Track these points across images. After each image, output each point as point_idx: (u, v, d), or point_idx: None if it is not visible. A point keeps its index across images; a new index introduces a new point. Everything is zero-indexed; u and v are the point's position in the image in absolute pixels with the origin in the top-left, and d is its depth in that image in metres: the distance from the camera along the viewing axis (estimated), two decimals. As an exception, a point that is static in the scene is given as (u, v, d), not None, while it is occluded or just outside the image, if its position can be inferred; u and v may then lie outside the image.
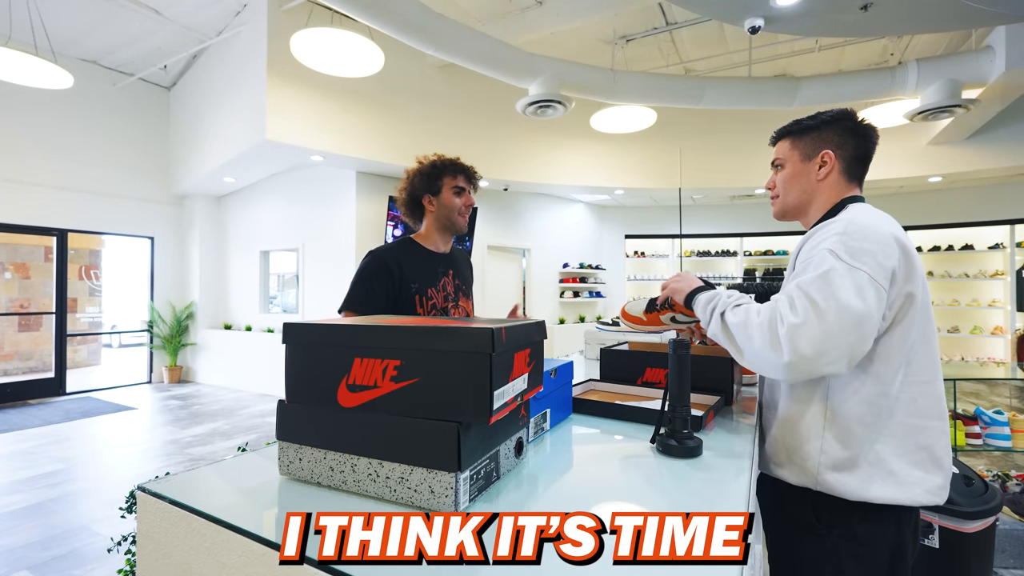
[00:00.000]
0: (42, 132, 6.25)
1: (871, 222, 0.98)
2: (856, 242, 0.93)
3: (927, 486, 0.96)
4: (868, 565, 0.99)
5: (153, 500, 0.68)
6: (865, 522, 0.99)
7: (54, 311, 6.64)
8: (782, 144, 1.18)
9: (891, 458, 0.96)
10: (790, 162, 1.15)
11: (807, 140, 1.13)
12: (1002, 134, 6.01)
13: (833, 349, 0.86)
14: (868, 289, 0.89)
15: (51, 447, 4.34)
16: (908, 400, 0.97)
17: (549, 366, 1.04)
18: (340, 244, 6.34)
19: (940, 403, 0.99)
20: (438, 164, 1.70)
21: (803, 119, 1.16)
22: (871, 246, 0.93)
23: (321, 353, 0.73)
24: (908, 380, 0.97)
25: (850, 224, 0.96)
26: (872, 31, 4.03)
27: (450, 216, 1.68)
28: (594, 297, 8.69)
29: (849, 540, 1.00)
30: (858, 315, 0.87)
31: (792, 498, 1.06)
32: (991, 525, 1.75)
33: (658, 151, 7.40)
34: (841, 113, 1.12)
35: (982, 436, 2.42)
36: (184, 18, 5.54)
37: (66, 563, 2.44)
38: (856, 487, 0.96)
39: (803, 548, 1.05)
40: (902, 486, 0.96)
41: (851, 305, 0.87)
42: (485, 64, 4.32)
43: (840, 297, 0.87)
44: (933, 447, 0.97)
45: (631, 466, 0.85)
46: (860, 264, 0.91)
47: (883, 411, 0.97)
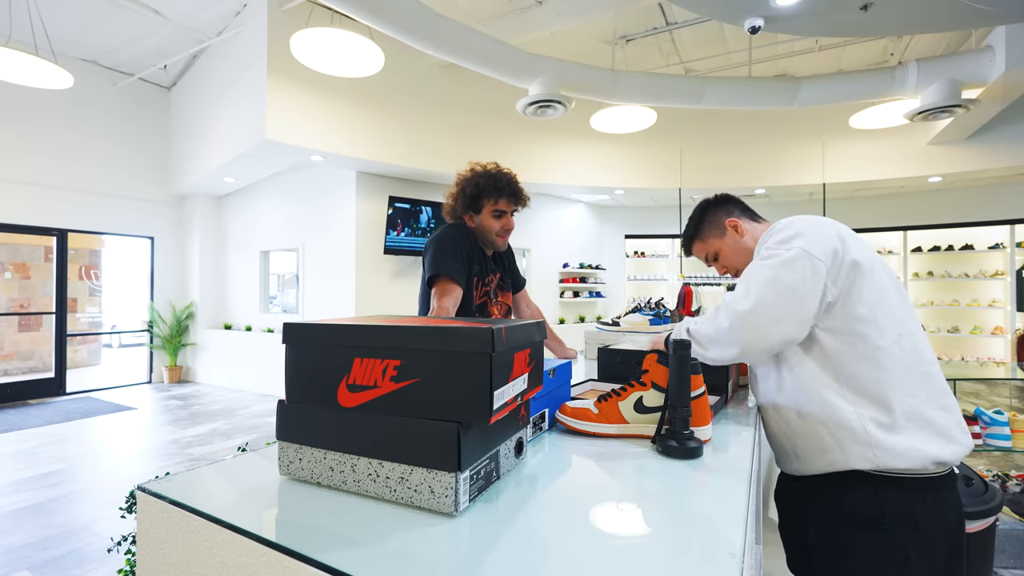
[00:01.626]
0: (42, 132, 6.25)
1: (800, 218, 1.12)
2: (785, 234, 1.07)
3: (962, 427, 1.01)
4: (930, 552, 0.99)
5: (153, 500, 0.68)
6: (924, 496, 0.99)
7: (54, 311, 6.64)
8: (698, 247, 1.39)
9: (925, 408, 1.00)
10: (717, 248, 1.35)
11: (707, 230, 1.35)
12: (1002, 134, 6.01)
13: (770, 313, 1.00)
14: (799, 261, 1.01)
15: (51, 447, 4.34)
16: (913, 349, 1.03)
17: (548, 366, 1.04)
18: (340, 244, 6.34)
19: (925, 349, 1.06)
20: (480, 184, 1.68)
21: (688, 229, 1.39)
22: (802, 230, 1.06)
23: (321, 353, 0.73)
24: (900, 331, 1.03)
25: (778, 225, 1.13)
26: (872, 31, 4.02)
27: (488, 238, 1.72)
28: (594, 297, 8.69)
29: (912, 530, 0.99)
30: (789, 284, 1.00)
31: (844, 487, 1.04)
32: (991, 525, 1.75)
33: (658, 151, 7.40)
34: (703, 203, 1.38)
35: (982, 436, 2.42)
36: (184, 18, 5.54)
37: (66, 563, 2.44)
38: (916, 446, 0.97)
39: (860, 548, 1.02)
40: (947, 438, 0.99)
41: (781, 278, 1.01)
42: (485, 64, 4.32)
43: (770, 273, 1.02)
44: (945, 391, 1.03)
45: (631, 467, 0.85)
46: (792, 244, 1.04)
47: (891, 363, 1.00)
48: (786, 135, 7.05)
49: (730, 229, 1.31)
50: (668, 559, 0.56)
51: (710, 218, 1.35)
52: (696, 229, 1.38)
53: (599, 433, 0.98)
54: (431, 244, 1.66)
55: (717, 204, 1.36)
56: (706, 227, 1.36)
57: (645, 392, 0.98)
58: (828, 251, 1.02)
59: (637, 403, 0.98)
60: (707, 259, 1.39)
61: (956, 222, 7.37)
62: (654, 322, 1.76)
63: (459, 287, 1.61)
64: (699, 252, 1.40)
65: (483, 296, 1.73)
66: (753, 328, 1.01)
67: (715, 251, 1.35)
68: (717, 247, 1.34)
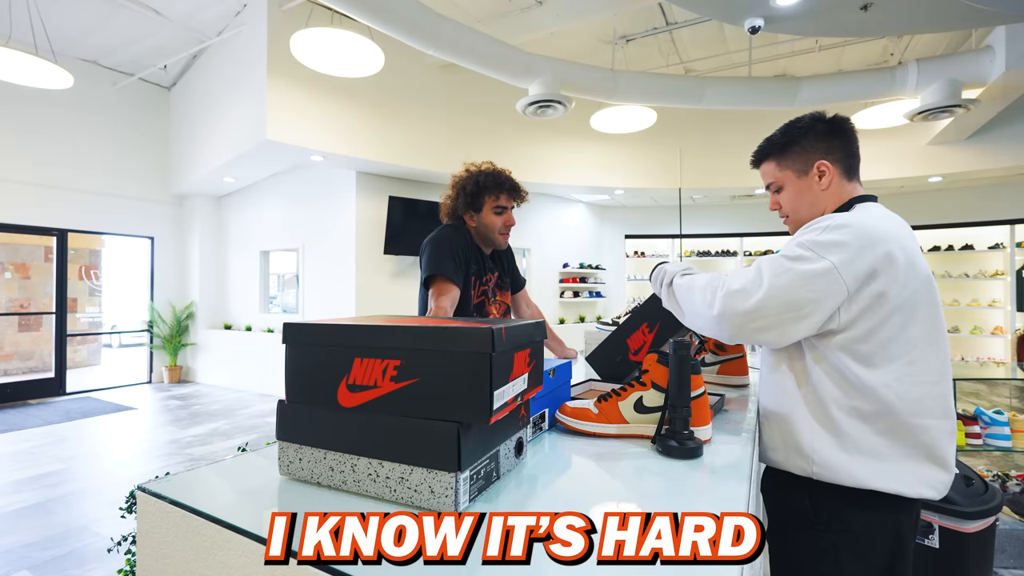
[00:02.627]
0: (42, 132, 6.25)
1: (862, 220, 0.96)
2: (832, 237, 0.93)
3: (924, 477, 0.95)
4: (866, 560, 0.99)
5: (153, 500, 0.68)
6: (863, 514, 0.98)
7: (54, 311, 6.64)
8: (768, 166, 1.17)
9: (883, 448, 0.95)
10: (787, 182, 1.13)
11: (793, 156, 1.12)
12: (1002, 134, 6.01)
13: (763, 319, 0.93)
14: (822, 279, 0.91)
15: (51, 447, 4.34)
16: (915, 400, 0.94)
17: (548, 366, 1.04)
18: (340, 244, 6.34)
19: (945, 403, 0.97)
20: (481, 181, 1.69)
21: (777, 134, 1.14)
22: (849, 241, 0.92)
23: (321, 353, 0.73)
24: (906, 379, 0.95)
25: (837, 220, 0.96)
26: (872, 31, 4.03)
27: (490, 235, 1.72)
28: (594, 297, 8.69)
29: (846, 533, 0.99)
30: (794, 299, 0.91)
31: (787, 488, 1.06)
32: (991, 525, 1.75)
33: (658, 151, 7.40)
34: (814, 118, 1.11)
35: (982, 436, 2.42)
36: (184, 18, 5.54)
37: (66, 563, 2.44)
38: (853, 469, 0.96)
39: (796, 542, 1.06)
40: (898, 476, 0.95)
41: (794, 288, 0.91)
42: (485, 64, 4.32)
43: (786, 279, 0.92)
44: (936, 447, 0.95)
45: (631, 467, 0.85)
46: (826, 255, 0.92)
47: (864, 402, 0.95)
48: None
49: (815, 172, 1.09)
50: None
51: (807, 144, 1.10)
52: (781, 149, 1.13)
53: (599, 433, 0.98)
54: (427, 245, 1.66)
55: (824, 132, 1.09)
56: (795, 152, 1.11)
57: (645, 392, 0.98)
58: (860, 276, 0.91)
59: (637, 403, 0.98)
60: (769, 186, 1.19)
61: (956, 222, 7.37)
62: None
63: (456, 287, 1.61)
64: (766, 174, 1.18)
65: (480, 296, 1.73)
66: (739, 328, 0.95)
67: (783, 185, 1.15)
68: (789, 182, 1.13)
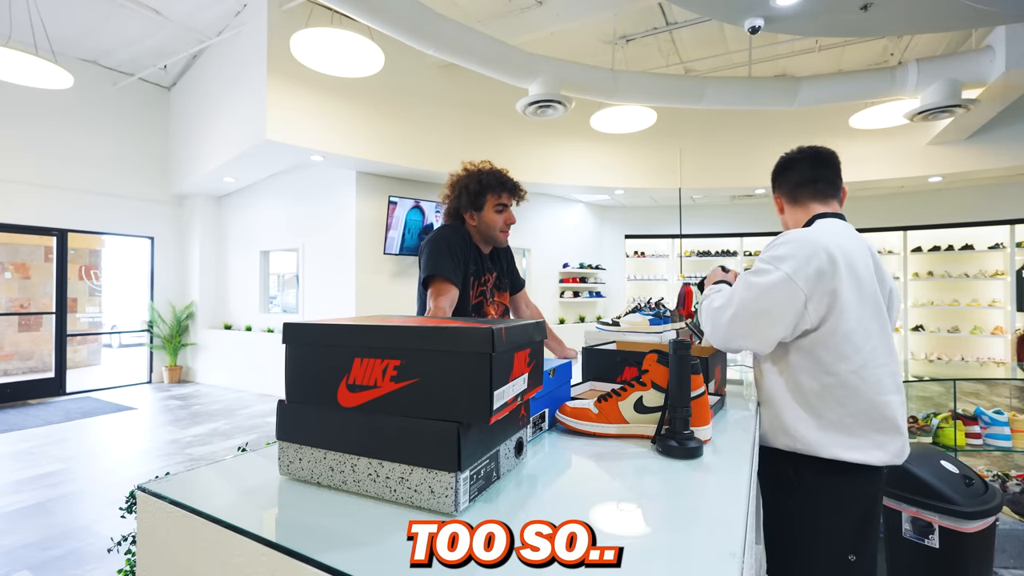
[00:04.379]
0: (42, 132, 6.25)
1: (805, 234, 1.17)
2: (782, 251, 1.15)
3: (890, 449, 1.15)
4: (840, 517, 1.17)
5: (153, 500, 0.68)
6: (836, 477, 1.16)
7: (54, 311, 6.64)
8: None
9: (854, 426, 1.14)
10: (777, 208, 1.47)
11: (774, 187, 1.45)
12: (1002, 134, 6.01)
13: (740, 329, 1.16)
14: (780, 288, 1.11)
15: (51, 447, 4.34)
16: (875, 380, 1.14)
17: (548, 366, 1.04)
18: (340, 244, 6.34)
19: (896, 379, 1.18)
20: (484, 180, 1.69)
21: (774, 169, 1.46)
22: (796, 252, 1.13)
23: (321, 353, 0.73)
24: (869, 364, 1.14)
25: (785, 236, 1.19)
26: (872, 31, 4.03)
27: (491, 233, 1.72)
28: (594, 297, 8.68)
29: (824, 496, 1.17)
30: (765, 308, 1.13)
31: (777, 462, 1.23)
32: (991, 525, 1.75)
33: (658, 151, 7.40)
34: (782, 163, 1.41)
35: (982, 436, 2.42)
36: (184, 18, 5.54)
37: (66, 563, 2.44)
38: (827, 444, 1.14)
39: (784, 504, 1.23)
40: (862, 449, 1.14)
41: (759, 299, 1.13)
42: (485, 64, 4.32)
43: (752, 292, 1.13)
44: (895, 417, 1.15)
45: (631, 467, 0.85)
46: (780, 266, 1.13)
47: (839, 388, 1.14)
48: (786, 135, 7.04)
49: (776, 205, 1.44)
50: (668, 559, 0.56)
51: (776, 179, 1.43)
52: (772, 180, 1.46)
53: (599, 433, 0.98)
54: (426, 245, 1.66)
55: (776, 173, 1.42)
56: (774, 184, 1.45)
57: (645, 392, 0.97)
58: (811, 278, 1.11)
59: (637, 403, 0.98)
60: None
61: (956, 222, 7.37)
62: (654, 322, 1.76)
63: (455, 287, 1.61)
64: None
65: (479, 296, 1.73)
66: (725, 337, 1.20)
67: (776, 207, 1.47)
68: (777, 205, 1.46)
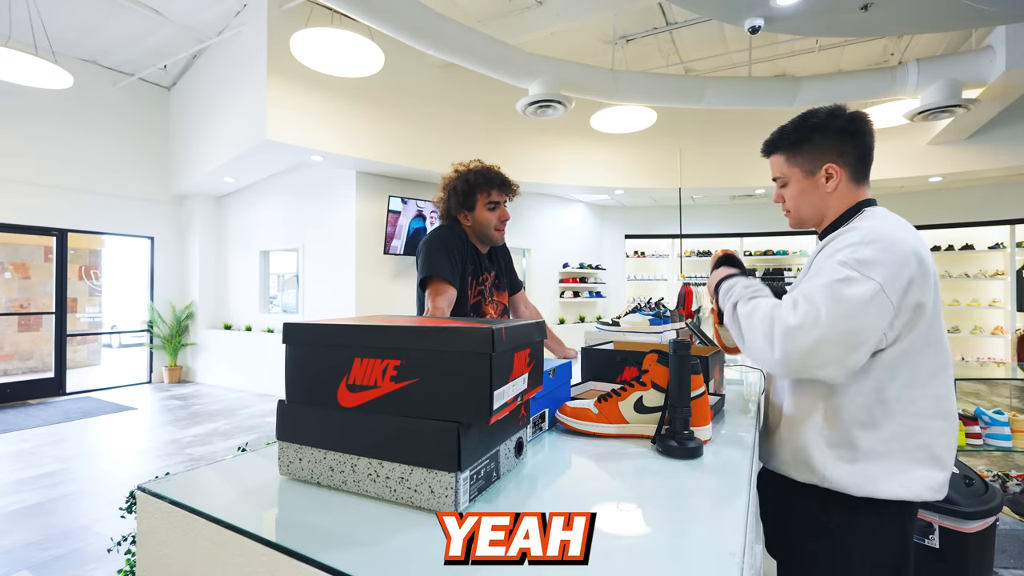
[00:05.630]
0: (42, 132, 6.24)
1: (889, 232, 0.96)
2: (870, 253, 0.92)
3: (928, 483, 0.97)
4: (875, 559, 1.01)
5: (153, 500, 0.68)
6: (871, 516, 0.99)
7: (54, 311, 6.63)
8: (777, 160, 1.14)
9: (893, 456, 0.97)
10: (793, 179, 1.12)
11: (803, 154, 1.09)
12: (1002, 134, 6.01)
13: (824, 355, 0.89)
14: (874, 303, 0.89)
15: (51, 447, 4.34)
16: (908, 401, 0.97)
17: (548, 366, 1.04)
18: (340, 244, 6.34)
19: (941, 404, 0.98)
20: (471, 179, 1.69)
21: (790, 128, 1.11)
22: (886, 257, 0.92)
23: (321, 353, 0.73)
24: (910, 383, 0.97)
25: (868, 234, 0.95)
26: (872, 31, 4.03)
27: (486, 232, 1.72)
28: (594, 297, 8.68)
29: (857, 535, 1.01)
30: (856, 329, 0.89)
31: (799, 496, 1.06)
32: (991, 525, 1.75)
33: (658, 151, 7.40)
34: (830, 114, 1.07)
35: (982, 436, 2.42)
36: (184, 18, 5.54)
37: (66, 563, 2.44)
38: (862, 483, 0.97)
39: (812, 546, 1.06)
40: (903, 483, 0.97)
41: (851, 318, 0.89)
42: (485, 64, 4.32)
43: (842, 308, 0.89)
44: (932, 446, 0.97)
45: (631, 467, 0.85)
46: (872, 275, 0.91)
47: (881, 412, 0.97)
48: (786, 135, 7.03)
49: (822, 174, 1.07)
50: (668, 559, 0.56)
51: (819, 143, 1.07)
52: (794, 144, 1.10)
53: (599, 433, 0.98)
54: (423, 246, 1.67)
55: (839, 131, 1.06)
56: (805, 149, 1.09)
57: (645, 392, 0.97)
58: (901, 289, 0.92)
59: (637, 403, 0.98)
60: (775, 178, 1.17)
61: (956, 222, 7.37)
62: (654, 322, 1.76)
63: (452, 287, 1.61)
64: (774, 166, 1.15)
65: (477, 295, 1.73)
66: (801, 367, 0.91)
67: (788, 181, 1.13)
68: (795, 180, 1.11)
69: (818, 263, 1.00)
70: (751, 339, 0.98)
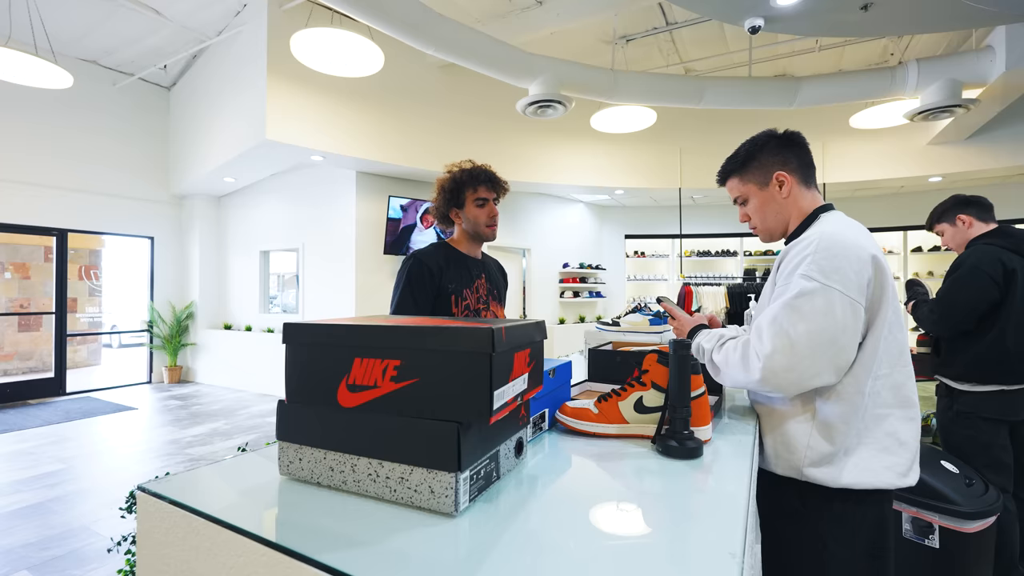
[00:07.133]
0: (42, 132, 6.25)
1: (843, 237, 1.02)
2: (828, 261, 0.99)
3: (898, 469, 1.04)
4: (851, 546, 1.06)
5: (153, 500, 0.68)
6: (847, 504, 1.05)
7: (54, 311, 6.63)
8: (732, 183, 1.25)
9: (859, 447, 1.04)
10: (751, 195, 1.21)
11: (753, 170, 1.20)
12: (1002, 134, 6.01)
13: (809, 368, 0.96)
14: (839, 306, 0.96)
15: (51, 447, 4.34)
16: (874, 393, 1.04)
17: (548, 366, 1.04)
18: (340, 244, 6.34)
19: (900, 391, 1.06)
20: (459, 178, 1.70)
21: (736, 153, 1.23)
22: (843, 263, 0.98)
23: (321, 353, 0.73)
24: (874, 376, 1.04)
25: (822, 240, 1.02)
26: (872, 31, 4.02)
27: (476, 229, 1.71)
28: (594, 297, 8.68)
29: (832, 523, 1.07)
30: (831, 333, 0.96)
31: (777, 485, 1.12)
32: (991, 525, 1.75)
33: (658, 151, 7.40)
34: (768, 135, 1.20)
35: (982, 436, 2.41)
36: (184, 18, 5.54)
37: (66, 563, 2.44)
38: (834, 475, 1.04)
39: (789, 533, 1.12)
40: (872, 471, 1.03)
41: (821, 326, 0.96)
42: (485, 64, 4.31)
43: (809, 321, 0.96)
44: (898, 432, 1.05)
45: (631, 467, 0.85)
46: (833, 282, 0.97)
47: (851, 407, 1.03)
48: (786, 135, 7.03)
49: (775, 183, 1.17)
50: (668, 559, 0.56)
51: (763, 159, 1.18)
52: (742, 164, 1.21)
53: (599, 433, 0.98)
54: (398, 275, 1.66)
55: (778, 145, 1.18)
56: (753, 167, 1.19)
57: (645, 392, 0.98)
58: (863, 286, 0.99)
59: (637, 403, 0.98)
60: (736, 200, 1.26)
61: (956, 222, 7.36)
62: (654, 322, 1.76)
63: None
64: (732, 189, 1.25)
65: (464, 310, 1.68)
66: (789, 383, 0.98)
67: (747, 197, 1.22)
68: (752, 194, 1.21)
69: (783, 276, 1.06)
70: (733, 379, 1.06)
